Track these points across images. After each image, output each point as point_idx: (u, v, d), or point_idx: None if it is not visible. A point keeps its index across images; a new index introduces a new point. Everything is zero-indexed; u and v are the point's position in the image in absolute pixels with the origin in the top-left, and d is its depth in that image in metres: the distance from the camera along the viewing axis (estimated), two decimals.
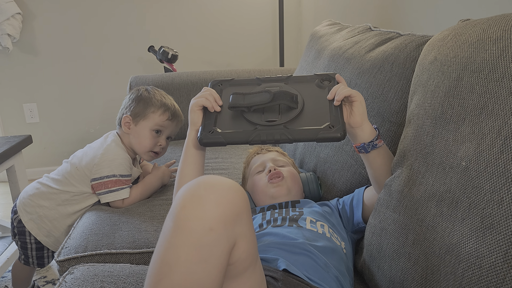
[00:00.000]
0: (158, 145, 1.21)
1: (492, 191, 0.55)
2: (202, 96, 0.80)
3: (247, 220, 0.56)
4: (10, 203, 1.59)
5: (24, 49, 2.41)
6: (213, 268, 0.51)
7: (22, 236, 1.22)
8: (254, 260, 0.59)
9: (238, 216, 0.54)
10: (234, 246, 0.54)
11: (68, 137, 2.58)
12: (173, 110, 1.23)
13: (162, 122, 1.20)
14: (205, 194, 0.52)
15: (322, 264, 0.74)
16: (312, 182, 1.09)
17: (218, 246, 0.51)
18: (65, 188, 1.18)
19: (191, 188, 0.53)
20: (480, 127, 0.59)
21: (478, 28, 0.68)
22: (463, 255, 0.57)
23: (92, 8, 2.41)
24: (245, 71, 1.86)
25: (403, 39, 0.99)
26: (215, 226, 0.51)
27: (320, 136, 0.71)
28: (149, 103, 1.20)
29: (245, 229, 0.55)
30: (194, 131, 0.80)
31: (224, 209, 0.52)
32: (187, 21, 2.51)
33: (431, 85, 0.72)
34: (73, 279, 0.78)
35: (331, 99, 0.77)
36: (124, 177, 1.17)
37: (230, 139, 0.74)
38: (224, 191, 0.53)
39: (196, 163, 0.82)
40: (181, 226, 0.51)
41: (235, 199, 0.54)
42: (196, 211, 0.51)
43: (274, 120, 0.75)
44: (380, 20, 1.62)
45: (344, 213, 0.93)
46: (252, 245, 0.57)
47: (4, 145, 1.47)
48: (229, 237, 0.52)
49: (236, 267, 0.56)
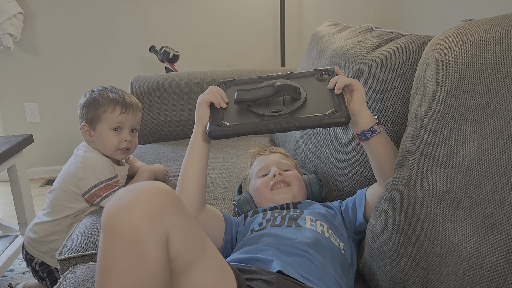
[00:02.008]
0: (123, 141, 1.18)
1: (493, 191, 0.55)
2: (208, 93, 0.83)
3: (175, 212, 0.57)
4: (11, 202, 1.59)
5: (26, 49, 2.41)
6: (150, 262, 0.53)
7: (51, 275, 1.23)
8: (199, 252, 0.59)
9: (162, 209, 0.55)
10: (169, 239, 0.55)
11: (69, 136, 2.58)
12: (123, 102, 1.18)
13: (116, 118, 1.16)
14: (124, 198, 0.54)
15: (319, 264, 0.74)
16: (315, 184, 1.08)
17: (149, 241, 0.53)
18: (63, 214, 1.18)
19: (114, 198, 0.56)
20: (482, 127, 0.59)
21: (480, 28, 0.68)
22: (465, 255, 0.57)
23: (93, 8, 2.41)
24: (246, 71, 1.86)
25: (405, 39, 0.99)
26: (138, 223, 0.52)
27: (326, 121, 0.75)
28: (97, 104, 1.17)
29: (175, 221, 0.56)
30: (202, 127, 0.83)
31: (145, 206, 0.54)
32: (189, 21, 2.51)
33: (433, 85, 0.72)
34: (73, 278, 0.78)
35: (332, 89, 0.81)
36: (111, 179, 1.16)
37: (239, 131, 0.77)
38: (141, 191, 0.55)
39: (201, 159, 0.84)
40: (108, 232, 0.53)
41: (154, 195, 0.55)
42: (119, 215, 0.53)
43: (279, 110, 0.78)
44: (381, 20, 1.62)
45: (347, 214, 0.93)
46: (190, 237, 0.58)
47: (5, 144, 1.47)
48: (158, 230, 0.54)
49: (179, 262, 0.57)
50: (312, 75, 0.88)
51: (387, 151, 0.83)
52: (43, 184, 2.48)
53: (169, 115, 1.73)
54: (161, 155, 1.56)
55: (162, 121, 1.72)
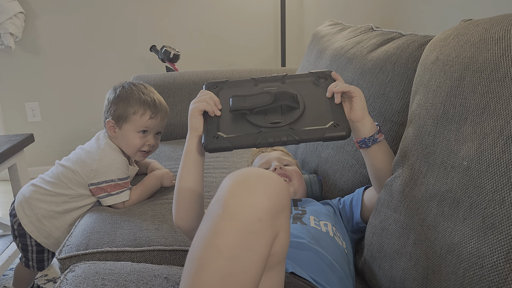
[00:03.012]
0: (146, 145, 1.18)
1: (493, 191, 0.55)
2: (202, 101, 0.77)
3: (288, 214, 0.57)
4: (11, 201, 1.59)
5: (26, 48, 2.41)
6: (257, 257, 0.51)
7: (23, 238, 1.21)
8: (285, 256, 0.60)
9: (283, 209, 0.55)
10: (276, 238, 0.55)
11: (70, 136, 2.58)
12: (154, 106, 1.16)
13: (145, 123, 1.15)
14: (256, 184, 0.53)
15: (328, 262, 0.74)
16: (315, 184, 1.09)
17: (264, 236, 0.52)
18: (63, 191, 1.17)
19: (241, 177, 0.54)
20: (482, 127, 0.59)
21: (480, 28, 0.68)
22: (464, 255, 0.57)
23: (94, 7, 2.41)
24: (247, 71, 1.86)
25: (405, 39, 0.99)
26: (263, 216, 0.51)
27: (327, 135, 0.71)
28: (127, 104, 1.15)
29: (285, 223, 0.56)
30: (195, 137, 0.78)
31: (273, 201, 0.53)
32: (189, 21, 2.51)
33: (433, 85, 0.72)
34: (74, 276, 0.78)
35: (330, 97, 0.77)
36: (123, 180, 1.16)
37: (237, 144, 0.72)
38: (274, 183, 0.54)
39: (197, 169, 0.80)
40: (230, 213, 0.51)
41: (282, 192, 0.55)
42: (247, 200, 0.52)
43: (278, 121, 0.74)
44: (382, 20, 1.62)
45: (344, 213, 0.93)
46: (288, 240, 0.58)
47: (6, 143, 1.47)
48: (273, 229, 0.53)
49: (271, 260, 0.56)
50: (308, 78, 0.83)
51: (386, 159, 0.81)
52: None
53: (169, 115, 1.73)
54: (162, 154, 1.56)
55: None
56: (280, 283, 0.62)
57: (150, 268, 0.82)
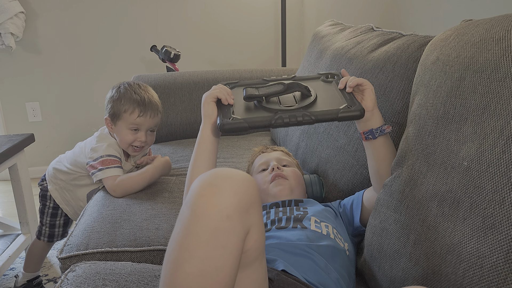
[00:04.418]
0: (138, 141, 1.25)
1: (493, 191, 0.55)
2: (215, 89, 0.81)
3: (258, 210, 0.57)
4: (12, 201, 1.59)
5: (27, 48, 2.41)
6: (230, 254, 0.52)
7: (44, 199, 1.40)
8: (262, 251, 0.60)
9: (252, 205, 0.55)
10: (248, 235, 0.55)
11: (71, 136, 2.58)
12: (143, 105, 1.23)
13: (134, 120, 1.23)
14: (221, 184, 0.54)
15: (323, 265, 0.74)
16: (316, 184, 1.09)
17: (234, 233, 0.52)
18: (76, 169, 1.33)
19: (207, 178, 0.55)
20: (482, 127, 0.59)
21: (480, 28, 0.68)
22: (464, 255, 0.57)
23: (95, 7, 2.41)
24: (247, 71, 1.86)
25: (405, 39, 0.99)
26: (232, 213, 0.52)
27: (341, 114, 0.73)
28: (119, 103, 1.24)
29: (257, 219, 0.57)
30: (209, 124, 0.80)
31: (240, 198, 0.53)
32: (190, 21, 2.52)
33: (433, 85, 0.72)
34: (75, 276, 0.78)
35: (342, 88, 0.80)
36: (111, 157, 1.23)
37: (253, 123, 0.73)
38: (240, 181, 0.55)
39: (211, 158, 0.82)
40: (199, 213, 0.52)
41: (249, 189, 0.55)
42: (214, 199, 0.53)
43: (292, 105, 0.76)
44: (382, 20, 1.62)
45: (345, 216, 0.93)
46: (262, 235, 0.59)
47: (7, 143, 1.47)
48: (244, 225, 0.54)
49: (247, 256, 0.57)
50: (317, 78, 0.87)
51: (389, 153, 0.82)
52: None
53: (170, 115, 1.73)
54: (162, 155, 1.55)
55: (163, 121, 1.72)
56: (262, 279, 0.62)
57: (150, 269, 0.82)
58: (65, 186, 1.36)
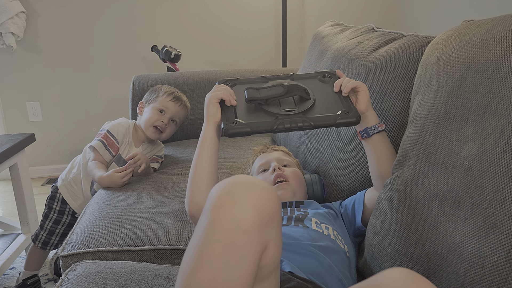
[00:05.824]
0: (160, 121, 1.40)
1: (495, 190, 0.55)
2: (218, 90, 0.83)
3: (278, 224, 0.56)
4: (12, 201, 1.59)
5: (28, 48, 2.42)
6: (244, 267, 0.51)
7: (51, 201, 1.45)
8: (278, 265, 0.59)
9: (271, 220, 0.54)
10: (265, 250, 0.54)
11: (71, 135, 2.58)
12: (178, 95, 1.46)
13: (166, 103, 1.42)
14: (241, 195, 0.52)
15: (327, 265, 0.74)
16: (317, 184, 1.08)
17: (250, 248, 0.51)
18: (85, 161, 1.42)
19: (227, 187, 0.54)
20: (484, 127, 0.59)
21: (482, 28, 0.68)
22: (466, 255, 0.57)
23: (95, 7, 2.41)
24: (248, 71, 1.86)
25: (406, 39, 0.99)
26: (248, 229, 0.51)
27: (339, 121, 0.78)
28: (158, 91, 1.46)
29: (276, 234, 0.55)
30: (213, 123, 0.83)
31: (259, 212, 0.52)
32: (190, 21, 2.52)
33: (434, 85, 0.72)
34: (75, 275, 0.78)
35: (338, 91, 0.84)
36: (110, 134, 1.36)
37: (255, 128, 0.77)
38: (261, 194, 0.53)
39: (213, 156, 0.84)
40: (216, 224, 0.52)
41: (270, 203, 0.54)
42: (232, 211, 0.51)
43: (292, 109, 0.80)
44: (383, 20, 1.62)
45: (346, 217, 0.93)
46: (280, 250, 0.58)
47: (7, 143, 1.47)
48: (261, 240, 0.52)
49: (263, 271, 0.56)
50: (314, 76, 0.90)
51: (386, 150, 0.84)
52: (44, 183, 2.48)
53: None
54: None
55: None
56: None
57: (151, 268, 0.82)
58: (74, 178, 1.44)
